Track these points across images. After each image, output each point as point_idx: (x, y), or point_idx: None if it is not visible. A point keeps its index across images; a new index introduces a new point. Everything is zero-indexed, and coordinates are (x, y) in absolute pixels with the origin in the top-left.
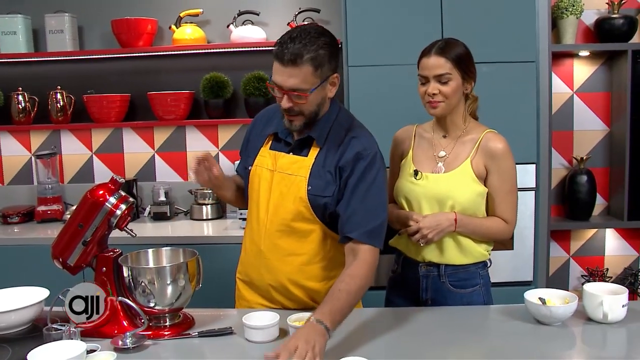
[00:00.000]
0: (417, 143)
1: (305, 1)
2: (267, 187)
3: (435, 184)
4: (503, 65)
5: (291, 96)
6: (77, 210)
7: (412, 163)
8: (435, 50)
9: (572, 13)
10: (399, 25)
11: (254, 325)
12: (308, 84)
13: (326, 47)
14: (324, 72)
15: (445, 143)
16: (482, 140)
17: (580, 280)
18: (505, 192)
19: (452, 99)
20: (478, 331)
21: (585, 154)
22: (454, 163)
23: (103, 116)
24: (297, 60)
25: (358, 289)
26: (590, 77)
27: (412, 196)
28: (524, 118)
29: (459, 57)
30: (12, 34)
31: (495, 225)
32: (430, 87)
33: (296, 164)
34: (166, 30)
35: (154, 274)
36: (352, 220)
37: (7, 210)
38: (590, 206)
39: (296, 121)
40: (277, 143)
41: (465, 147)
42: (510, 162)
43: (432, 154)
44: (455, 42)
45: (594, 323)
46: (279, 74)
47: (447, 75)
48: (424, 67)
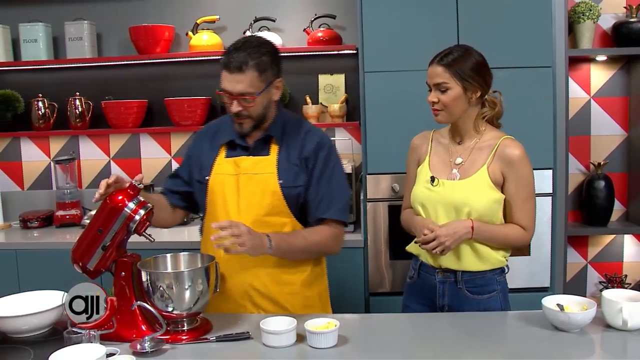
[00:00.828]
0: (434, 149)
1: (321, 7)
2: (234, 190)
3: (452, 190)
4: (519, 71)
5: (240, 100)
6: (96, 215)
7: (429, 169)
8: (439, 59)
9: (589, 17)
10: (415, 31)
11: (272, 330)
12: (254, 88)
13: (268, 54)
14: (268, 77)
15: (461, 149)
16: (499, 147)
17: (598, 287)
18: (523, 199)
19: (451, 108)
20: (495, 337)
21: (603, 159)
22: (470, 170)
23: (121, 122)
24: (242, 67)
25: (316, 242)
26: (608, 81)
27: (429, 202)
28: (541, 123)
29: (461, 68)
30: (34, 41)
31: (513, 232)
32: (430, 96)
33: (260, 164)
34: (183, 37)
35: (172, 278)
36: (324, 203)
37: (27, 215)
38: (608, 212)
39: (245, 124)
40: (232, 150)
41: (481, 154)
42: (527, 169)
43: (448, 160)
44: (464, 52)
45: (613, 330)
46: (227, 80)
47: (444, 84)
48: (428, 74)
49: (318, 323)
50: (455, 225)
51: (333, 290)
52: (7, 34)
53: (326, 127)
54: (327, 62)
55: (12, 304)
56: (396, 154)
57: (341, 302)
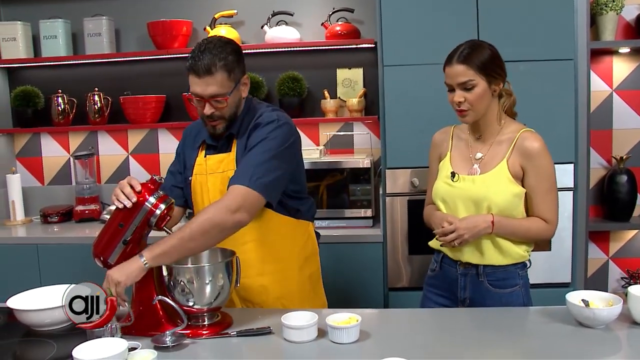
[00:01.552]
0: (455, 145)
1: (339, 1)
2: (207, 190)
3: (472, 185)
4: (541, 64)
5: (212, 102)
6: (117, 210)
7: (450, 165)
8: (457, 57)
9: (612, 9)
10: (434, 24)
11: (293, 325)
12: (225, 89)
13: (233, 53)
14: (236, 75)
15: (481, 144)
16: (518, 140)
17: (620, 283)
18: (544, 192)
19: (479, 105)
20: (518, 333)
21: (625, 153)
22: (490, 164)
23: (139, 117)
24: (211, 69)
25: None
26: (631, 74)
27: (449, 198)
28: (562, 117)
29: (482, 62)
30: (53, 38)
31: (535, 226)
32: (456, 96)
33: (223, 162)
34: (201, 32)
35: (193, 273)
36: (236, 173)
37: (47, 210)
38: (631, 206)
39: (219, 125)
40: (208, 150)
41: (501, 148)
42: (547, 161)
43: (468, 156)
44: (477, 46)
45: (639, 327)
46: (197, 85)
47: (470, 82)
48: (448, 75)
49: (340, 318)
50: (476, 220)
51: (352, 285)
52: (27, 30)
53: (344, 121)
54: (346, 56)
55: (35, 297)
56: (415, 148)
57: (360, 297)
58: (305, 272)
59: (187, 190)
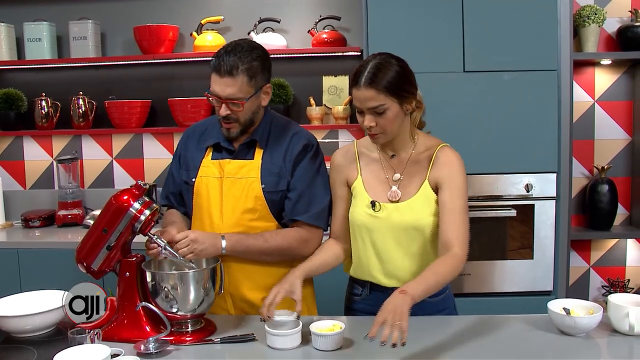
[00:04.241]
0: (365, 167)
1: (326, 9)
2: (218, 194)
3: (398, 214)
4: (524, 74)
5: (228, 104)
6: (101, 215)
7: (365, 191)
8: (364, 81)
9: (594, 21)
10: (420, 33)
11: (277, 332)
12: (244, 93)
13: (259, 60)
14: (258, 82)
15: (397, 163)
16: (436, 156)
17: (601, 291)
18: (458, 211)
19: (391, 127)
20: (500, 341)
21: (607, 163)
22: (410, 186)
23: (124, 122)
24: (233, 71)
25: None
26: (612, 85)
27: (374, 229)
28: (545, 127)
29: (391, 83)
30: (38, 40)
31: (447, 271)
32: (366, 120)
33: (245, 168)
34: (187, 37)
35: (177, 279)
36: (301, 204)
37: (29, 214)
38: (612, 216)
39: (233, 128)
40: (218, 153)
41: (419, 167)
42: (463, 179)
43: (384, 177)
44: (384, 65)
45: (619, 335)
46: (217, 84)
47: (381, 106)
48: (356, 98)
49: (323, 325)
50: (394, 302)
51: (335, 293)
52: (11, 32)
53: (330, 128)
54: (332, 64)
55: (15, 303)
56: None
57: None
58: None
59: (187, 193)
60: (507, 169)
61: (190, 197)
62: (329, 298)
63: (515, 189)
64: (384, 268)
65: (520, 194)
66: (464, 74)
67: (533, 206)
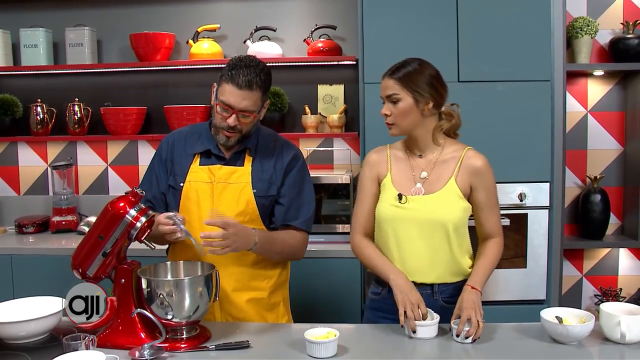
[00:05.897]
0: (394, 165)
1: (322, 18)
2: (209, 197)
3: (423, 206)
4: (518, 84)
5: (239, 116)
6: (97, 221)
7: (393, 186)
8: (388, 72)
9: (587, 33)
10: (415, 43)
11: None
12: (256, 107)
13: (267, 76)
14: (264, 97)
15: (424, 163)
16: (464, 159)
17: (594, 300)
18: (493, 206)
19: (403, 120)
20: (493, 349)
21: (599, 173)
22: (437, 183)
23: (119, 128)
24: (252, 85)
25: (290, 246)
26: (605, 96)
27: (399, 221)
28: (538, 137)
29: (407, 76)
30: (34, 47)
31: (493, 254)
32: (384, 108)
33: (236, 173)
34: (183, 45)
35: (172, 286)
36: (292, 209)
37: (23, 220)
38: (604, 225)
39: (233, 137)
40: (206, 159)
41: (447, 166)
42: (492, 177)
43: (411, 175)
44: (409, 63)
45: (611, 343)
46: (233, 95)
47: (395, 95)
48: (380, 88)
49: (318, 333)
50: (470, 299)
51: (329, 300)
52: (7, 38)
53: (325, 137)
54: (327, 73)
55: (9, 309)
56: None
57: (337, 312)
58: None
59: (173, 197)
60: (501, 178)
61: (176, 202)
62: (327, 305)
63: (508, 198)
64: (401, 257)
65: (514, 203)
66: (458, 84)
67: (526, 215)
